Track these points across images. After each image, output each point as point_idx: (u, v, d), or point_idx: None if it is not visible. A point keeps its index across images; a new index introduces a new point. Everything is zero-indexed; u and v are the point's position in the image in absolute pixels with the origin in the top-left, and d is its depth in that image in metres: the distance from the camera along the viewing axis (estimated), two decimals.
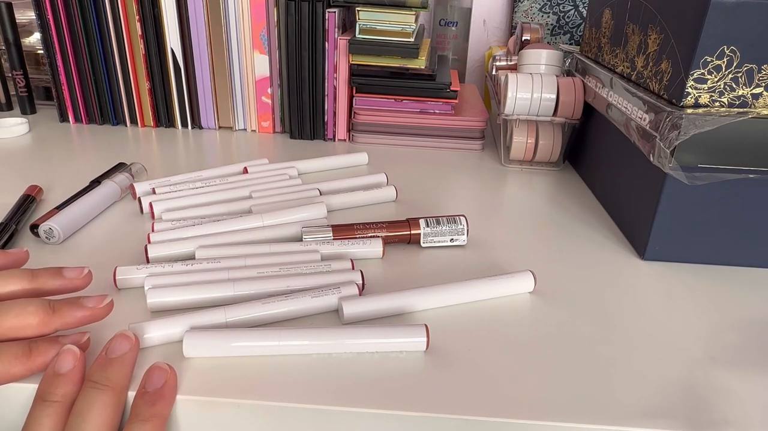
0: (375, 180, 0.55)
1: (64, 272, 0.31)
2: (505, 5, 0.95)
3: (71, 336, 0.29)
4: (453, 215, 0.45)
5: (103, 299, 0.30)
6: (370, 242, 0.42)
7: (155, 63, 0.69)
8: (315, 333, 0.31)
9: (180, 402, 0.28)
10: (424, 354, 0.32)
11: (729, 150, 0.39)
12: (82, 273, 0.32)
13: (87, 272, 0.32)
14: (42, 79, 0.79)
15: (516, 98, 0.59)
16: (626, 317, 0.36)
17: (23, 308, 0.28)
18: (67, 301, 0.29)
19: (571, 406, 0.28)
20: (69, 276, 0.31)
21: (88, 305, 0.29)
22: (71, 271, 0.32)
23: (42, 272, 0.31)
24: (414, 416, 0.28)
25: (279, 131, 0.73)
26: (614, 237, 0.47)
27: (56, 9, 0.66)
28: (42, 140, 0.66)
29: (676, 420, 0.28)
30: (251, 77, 0.69)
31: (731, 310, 0.38)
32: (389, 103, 0.68)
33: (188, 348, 0.30)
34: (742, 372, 0.32)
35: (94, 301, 0.30)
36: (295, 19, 0.64)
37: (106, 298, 0.30)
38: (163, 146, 0.65)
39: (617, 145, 0.51)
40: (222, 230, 0.43)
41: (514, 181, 0.59)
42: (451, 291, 0.36)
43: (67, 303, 0.29)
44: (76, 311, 0.29)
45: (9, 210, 0.45)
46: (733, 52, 0.37)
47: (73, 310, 0.29)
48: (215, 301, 0.34)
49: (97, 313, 0.30)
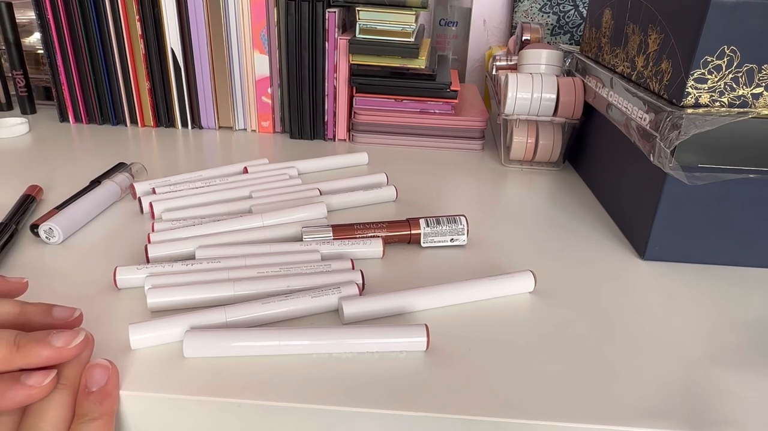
0: (375, 180, 0.55)
1: (54, 311, 0.29)
2: (505, 5, 0.95)
3: (35, 376, 0.26)
4: (453, 215, 0.45)
5: (75, 338, 0.27)
6: (370, 242, 0.42)
7: (155, 63, 0.69)
8: (315, 333, 0.31)
9: (180, 402, 0.28)
10: (424, 354, 0.32)
11: (729, 150, 0.39)
12: (72, 315, 0.30)
13: (78, 315, 0.30)
14: (42, 79, 0.79)
15: (516, 98, 0.59)
16: (626, 317, 0.36)
17: None
18: (34, 338, 0.27)
19: (571, 406, 0.28)
20: (58, 317, 0.29)
21: (56, 344, 0.27)
22: (61, 311, 0.30)
23: (32, 307, 0.29)
24: (414, 416, 0.28)
25: (279, 131, 0.73)
26: (614, 237, 0.47)
27: (56, 9, 0.66)
28: (42, 140, 0.66)
29: (676, 420, 0.28)
30: (251, 77, 0.69)
31: (731, 310, 0.38)
32: (389, 103, 0.68)
33: (188, 348, 0.30)
34: (742, 372, 0.32)
35: (64, 340, 0.27)
36: (295, 19, 0.64)
37: (79, 335, 0.28)
38: (163, 146, 0.65)
39: (617, 145, 0.51)
40: (222, 230, 0.43)
41: (514, 181, 0.59)
42: (451, 291, 0.36)
43: (33, 340, 0.27)
44: (42, 349, 0.26)
45: (9, 210, 0.45)
46: (733, 52, 0.37)
47: (39, 348, 0.26)
48: (215, 301, 0.34)
49: (65, 353, 0.27)
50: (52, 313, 0.29)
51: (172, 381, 0.29)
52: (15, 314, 0.29)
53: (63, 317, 0.30)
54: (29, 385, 0.26)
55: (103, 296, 0.36)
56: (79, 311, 0.30)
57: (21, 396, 0.26)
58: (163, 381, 0.29)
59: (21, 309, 0.29)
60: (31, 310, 0.29)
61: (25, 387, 0.26)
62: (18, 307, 0.29)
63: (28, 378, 0.26)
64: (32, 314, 0.29)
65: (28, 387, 0.26)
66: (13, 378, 0.26)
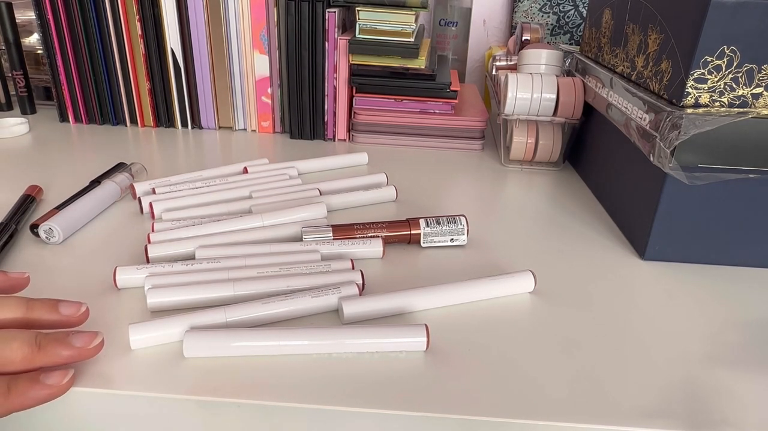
0: (375, 180, 0.55)
1: (60, 307, 0.30)
2: (505, 5, 0.95)
3: (54, 376, 0.27)
4: (453, 215, 0.45)
5: (93, 339, 0.28)
6: (370, 242, 0.42)
7: (155, 63, 0.69)
8: (315, 333, 0.31)
9: (180, 402, 0.28)
10: (424, 354, 0.32)
11: (729, 150, 0.39)
12: (79, 310, 0.30)
13: (84, 310, 0.30)
14: (42, 79, 0.79)
15: (516, 98, 0.59)
16: (626, 317, 0.36)
17: (8, 342, 0.27)
18: (55, 338, 0.28)
19: (571, 406, 0.28)
20: (65, 313, 0.30)
21: (76, 344, 0.28)
22: (68, 307, 0.30)
23: (38, 304, 0.29)
24: (414, 416, 0.28)
25: (279, 131, 0.73)
26: (614, 237, 0.47)
27: (56, 9, 0.66)
28: (42, 140, 0.66)
29: (676, 420, 0.28)
30: (251, 77, 0.69)
31: (731, 310, 0.38)
32: (389, 103, 0.68)
33: (188, 348, 0.30)
34: (742, 372, 0.32)
35: (83, 340, 0.28)
36: (295, 19, 0.64)
37: (97, 337, 0.29)
38: (163, 146, 0.65)
39: (617, 145, 0.51)
40: (222, 230, 0.43)
41: (514, 181, 0.59)
42: (451, 291, 0.36)
43: (54, 340, 0.28)
44: (62, 349, 0.27)
45: (9, 210, 0.45)
46: (733, 52, 0.37)
47: (60, 348, 0.27)
48: (215, 301, 0.34)
49: (84, 353, 0.28)
50: (59, 309, 0.30)
51: (172, 381, 0.29)
52: (22, 311, 0.29)
53: (70, 313, 0.30)
54: (49, 385, 0.27)
55: (103, 296, 0.36)
56: (85, 306, 0.31)
57: (42, 395, 0.26)
58: (163, 381, 0.29)
59: (27, 306, 0.29)
60: (38, 306, 0.29)
61: (45, 386, 0.26)
62: (24, 304, 0.29)
63: (48, 378, 0.27)
64: (39, 310, 0.29)
65: (48, 386, 0.27)
66: (33, 378, 0.27)
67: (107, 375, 0.29)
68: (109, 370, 0.29)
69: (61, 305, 0.30)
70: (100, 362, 0.30)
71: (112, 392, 0.28)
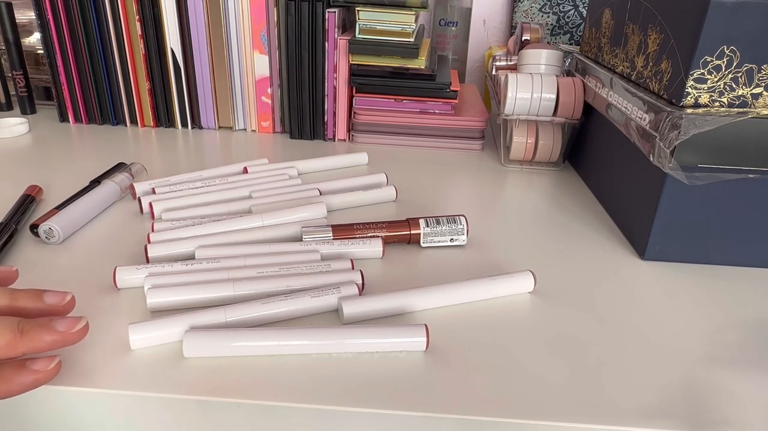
0: (375, 180, 0.55)
1: (45, 297, 0.29)
2: (505, 5, 0.95)
3: (40, 362, 0.27)
4: (453, 215, 0.45)
5: (77, 323, 0.28)
6: (370, 242, 0.42)
7: (155, 63, 0.69)
8: (315, 333, 0.31)
9: (180, 402, 0.28)
10: (424, 354, 0.32)
11: (729, 150, 0.39)
12: (64, 299, 0.30)
13: (70, 299, 0.30)
14: (42, 79, 0.79)
15: (516, 98, 0.59)
16: (626, 317, 0.36)
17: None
18: (38, 323, 0.27)
19: (571, 406, 0.28)
20: (49, 302, 0.29)
21: (59, 328, 0.27)
22: (53, 296, 0.30)
23: (23, 293, 0.29)
24: (414, 416, 0.28)
25: (279, 131, 0.73)
26: (614, 237, 0.47)
27: (56, 9, 0.66)
28: (42, 140, 0.66)
29: (676, 420, 0.28)
30: (251, 77, 0.69)
31: (731, 310, 0.38)
32: (389, 103, 0.68)
33: (188, 348, 0.30)
34: (742, 372, 0.32)
35: (67, 324, 0.28)
36: (295, 19, 0.64)
37: (81, 321, 0.28)
38: (163, 146, 0.65)
39: (617, 145, 0.51)
40: (222, 230, 0.43)
41: (514, 181, 0.59)
42: (451, 291, 0.36)
43: (37, 326, 0.27)
44: (45, 334, 0.27)
45: (9, 210, 0.45)
46: (733, 52, 0.37)
47: (43, 333, 0.27)
48: (215, 301, 0.34)
49: (68, 338, 0.28)
50: (44, 298, 0.29)
51: (172, 381, 0.29)
52: (6, 301, 0.28)
53: (55, 302, 0.30)
54: (35, 370, 0.26)
55: (102, 296, 0.36)
56: (71, 295, 0.30)
57: (29, 380, 0.26)
58: (163, 381, 0.29)
59: (12, 295, 0.29)
60: (22, 296, 0.29)
61: (32, 372, 0.26)
62: (8, 293, 0.29)
63: (34, 364, 0.27)
64: (23, 300, 0.29)
65: (34, 371, 0.26)
66: (19, 365, 0.26)
67: (107, 375, 0.29)
68: (109, 370, 0.29)
69: (46, 295, 0.30)
70: (100, 362, 0.30)
71: (112, 392, 0.28)
